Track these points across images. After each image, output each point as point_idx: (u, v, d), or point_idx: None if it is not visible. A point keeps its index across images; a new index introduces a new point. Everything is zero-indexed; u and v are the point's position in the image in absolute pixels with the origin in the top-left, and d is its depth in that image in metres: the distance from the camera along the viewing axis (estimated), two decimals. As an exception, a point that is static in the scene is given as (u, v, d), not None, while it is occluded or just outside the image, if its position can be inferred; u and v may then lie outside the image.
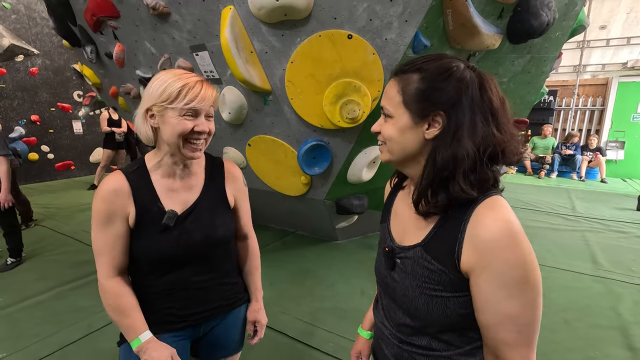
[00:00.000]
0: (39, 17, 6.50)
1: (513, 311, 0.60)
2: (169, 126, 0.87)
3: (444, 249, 0.65)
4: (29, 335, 2.16)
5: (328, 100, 2.20)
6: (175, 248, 0.94)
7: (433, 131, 0.64)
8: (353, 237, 3.64)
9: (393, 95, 0.68)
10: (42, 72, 6.61)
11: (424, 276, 0.68)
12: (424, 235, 0.70)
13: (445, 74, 0.63)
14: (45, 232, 3.96)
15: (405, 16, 1.98)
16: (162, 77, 0.88)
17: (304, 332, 2.14)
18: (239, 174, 1.11)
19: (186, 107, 0.85)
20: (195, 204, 0.98)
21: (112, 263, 0.92)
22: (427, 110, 0.64)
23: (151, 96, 0.87)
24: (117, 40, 2.73)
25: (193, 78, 0.88)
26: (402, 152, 0.69)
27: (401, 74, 0.67)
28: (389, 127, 0.69)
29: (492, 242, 0.59)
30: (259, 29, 2.08)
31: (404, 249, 0.74)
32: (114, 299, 0.92)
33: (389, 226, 0.81)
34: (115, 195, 0.90)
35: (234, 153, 2.97)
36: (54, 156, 6.90)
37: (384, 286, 0.81)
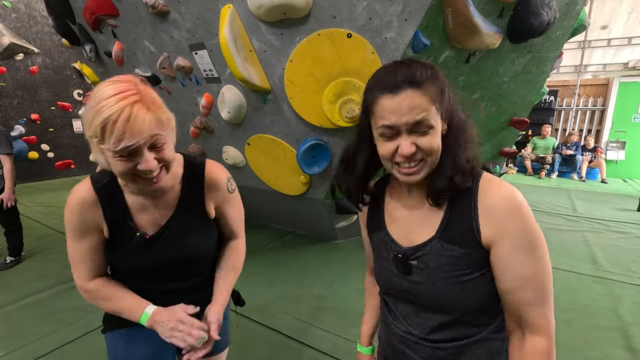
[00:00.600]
0: (39, 15, 6.49)
1: (529, 272, 0.65)
2: (110, 163, 0.74)
3: (462, 231, 0.68)
4: (27, 334, 2.15)
5: (327, 100, 2.20)
6: (146, 267, 0.90)
7: (446, 127, 0.69)
8: (352, 236, 3.64)
9: (427, 105, 0.65)
10: (42, 71, 6.61)
11: (450, 265, 0.69)
12: (435, 227, 0.71)
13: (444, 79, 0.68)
14: (45, 230, 3.96)
15: (405, 15, 1.97)
16: (91, 99, 0.71)
17: (302, 331, 2.13)
18: (222, 180, 0.98)
19: (115, 149, 0.70)
20: (168, 223, 0.90)
21: (90, 269, 0.89)
22: (444, 110, 0.68)
23: (85, 127, 0.73)
24: (116, 38, 2.72)
25: (120, 103, 0.69)
26: (438, 159, 0.68)
27: (422, 85, 0.65)
28: (432, 139, 0.66)
29: (505, 211, 0.65)
30: (258, 28, 2.07)
31: (417, 248, 0.73)
32: (101, 291, 0.89)
33: (387, 233, 0.79)
34: (83, 208, 0.83)
35: (233, 152, 2.96)
36: (54, 155, 6.91)
37: (400, 294, 0.78)
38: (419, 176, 0.68)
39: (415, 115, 0.64)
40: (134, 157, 0.73)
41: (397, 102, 0.64)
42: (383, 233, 0.80)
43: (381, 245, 0.81)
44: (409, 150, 0.65)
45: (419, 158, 0.67)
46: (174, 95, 2.83)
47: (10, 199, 2.85)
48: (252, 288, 2.64)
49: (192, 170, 0.94)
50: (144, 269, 0.91)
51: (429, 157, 0.66)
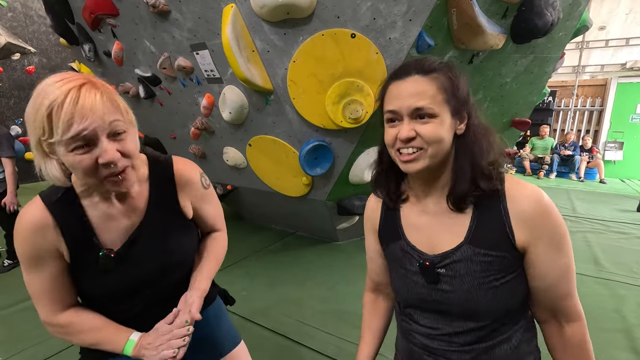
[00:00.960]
0: (36, 15, 6.44)
1: (564, 265, 0.67)
2: (69, 165, 0.65)
3: (495, 235, 0.67)
4: (28, 337, 2.12)
5: (331, 100, 2.18)
6: (121, 283, 0.79)
7: (462, 126, 0.68)
8: (354, 238, 3.62)
9: (433, 93, 0.64)
10: (39, 71, 6.55)
11: (483, 271, 0.67)
12: (463, 232, 0.69)
13: (458, 72, 0.68)
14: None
15: (409, 15, 1.95)
16: (33, 97, 0.63)
17: (305, 334, 2.11)
18: (194, 175, 0.90)
19: (66, 137, 0.60)
20: (140, 228, 0.80)
21: (55, 302, 0.76)
22: (459, 107, 0.67)
23: (29, 127, 0.64)
24: (115, 38, 2.69)
25: (65, 86, 0.61)
26: (442, 153, 0.67)
27: (431, 72, 0.66)
28: (434, 128, 0.64)
29: (538, 213, 0.65)
30: (260, 28, 2.05)
31: (445, 255, 0.70)
32: (75, 324, 0.77)
33: (408, 242, 0.75)
34: (37, 233, 0.71)
35: (234, 153, 2.93)
36: (51, 155, 6.85)
37: (428, 305, 0.74)
38: (417, 165, 0.66)
39: (417, 101, 0.63)
40: (91, 148, 0.64)
41: (402, 87, 0.65)
42: (403, 242, 0.76)
43: (401, 256, 0.77)
44: (407, 133, 0.64)
45: (418, 146, 0.65)
46: (174, 96, 2.80)
47: (13, 202, 2.82)
48: (254, 290, 2.62)
49: (159, 168, 0.85)
50: (120, 290, 0.80)
51: (429, 146, 0.65)
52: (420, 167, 0.67)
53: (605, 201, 5.33)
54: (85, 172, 0.65)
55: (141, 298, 0.84)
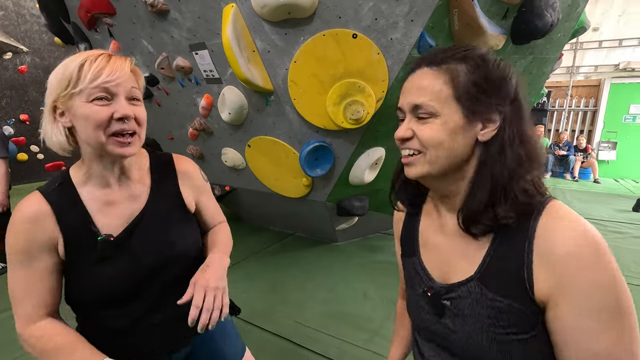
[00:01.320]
0: (28, 13, 6.34)
1: (603, 346, 0.47)
2: (81, 119, 0.67)
3: (508, 276, 0.52)
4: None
5: (332, 101, 2.16)
6: (119, 280, 0.74)
7: (488, 132, 0.54)
8: (353, 238, 3.61)
9: (437, 88, 0.54)
10: (31, 70, 6.46)
11: (489, 317, 0.54)
12: (476, 264, 0.56)
13: (497, 64, 0.54)
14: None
15: (411, 15, 1.94)
16: (60, 65, 0.69)
17: (307, 337, 2.09)
18: (195, 169, 0.91)
19: (93, 85, 0.65)
20: (141, 216, 0.77)
21: (36, 308, 0.71)
22: (484, 106, 0.53)
23: (52, 87, 0.68)
24: (112, 38, 2.65)
25: (95, 52, 0.69)
26: (447, 161, 0.55)
27: (442, 64, 0.55)
28: (433, 129, 0.54)
29: (573, 259, 0.47)
30: (261, 28, 2.03)
31: (452, 287, 0.59)
32: (45, 341, 0.69)
33: (421, 262, 0.66)
34: (34, 225, 0.69)
35: (232, 154, 2.91)
36: (43, 156, 6.75)
37: (431, 335, 0.65)
38: (413, 170, 0.58)
39: (417, 97, 0.55)
40: (110, 102, 0.68)
41: (410, 81, 0.58)
42: (417, 260, 0.67)
43: (413, 274, 0.68)
44: (401, 132, 0.57)
45: (416, 148, 0.57)
46: (172, 96, 2.77)
47: (4, 203, 2.76)
48: (253, 292, 2.60)
49: (160, 160, 0.86)
50: (116, 286, 0.75)
51: (427, 150, 0.56)
52: (417, 172, 0.58)
53: (601, 201, 5.39)
54: (97, 124, 0.67)
55: (139, 301, 0.78)
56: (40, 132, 0.72)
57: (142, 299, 0.79)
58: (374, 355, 1.93)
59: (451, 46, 0.58)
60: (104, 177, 0.76)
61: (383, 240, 3.58)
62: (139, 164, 0.81)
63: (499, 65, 0.55)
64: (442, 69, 0.55)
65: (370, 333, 2.13)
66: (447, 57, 0.55)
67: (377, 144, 2.56)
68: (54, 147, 0.71)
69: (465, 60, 0.54)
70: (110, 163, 0.75)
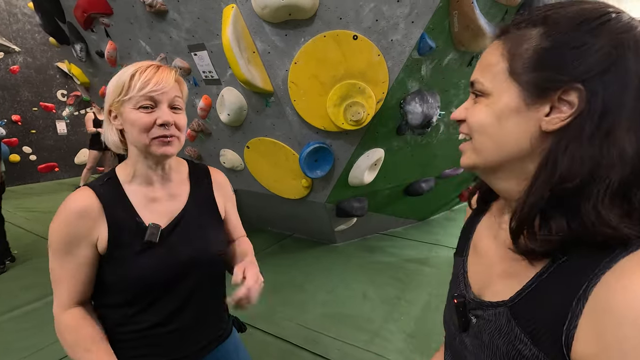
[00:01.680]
0: (20, 13, 6.25)
1: None
2: (128, 124, 0.76)
3: (546, 319, 0.40)
4: (18, 348, 2.05)
5: (332, 102, 2.16)
6: (159, 270, 0.79)
7: (558, 118, 0.40)
8: (351, 239, 3.61)
9: (493, 61, 0.44)
10: (23, 70, 6.36)
11: (508, 356, 0.44)
12: (517, 288, 0.45)
13: (591, 23, 0.38)
14: (30, 237, 3.80)
15: (412, 17, 1.95)
16: (119, 72, 0.78)
17: (308, 339, 2.09)
18: (226, 181, 1.00)
19: (140, 94, 0.73)
20: (182, 214, 0.84)
21: (71, 293, 0.78)
22: (551, 83, 0.40)
23: (109, 93, 0.78)
24: (109, 38, 2.62)
25: (146, 63, 0.77)
26: (497, 152, 0.44)
27: (508, 32, 0.45)
28: (479, 111, 0.45)
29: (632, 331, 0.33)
30: (262, 29, 2.02)
31: (482, 305, 0.50)
32: (71, 332, 0.77)
33: (465, 264, 0.58)
34: (82, 216, 0.75)
35: (231, 155, 2.89)
36: (36, 157, 6.66)
37: (453, 349, 0.57)
38: (462, 160, 0.50)
39: (474, 74, 0.47)
40: (154, 110, 0.75)
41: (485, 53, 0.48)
42: (462, 261, 0.59)
43: (455, 276, 0.60)
44: (456, 113, 0.49)
45: (465, 132, 0.48)
46: (170, 97, 2.74)
47: None
48: (253, 294, 2.59)
49: (197, 168, 0.95)
50: (156, 275, 0.79)
51: (472, 135, 0.47)
52: (466, 162, 0.49)
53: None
54: (142, 128, 0.75)
55: (172, 297, 0.82)
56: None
57: (175, 294, 0.83)
58: (375, 356, 1.93)
59: (540, 6, 0.43)
60: (148, 175, 0.83)
61: (381, 241, 3.59)
62: (178, 170, 0.90)
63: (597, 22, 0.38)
64: (507, 38, 0.44)
65: (370, 334, 2.13)
66: (521, 20, 0.44)
67: (377, 145, 2.56)
68: (112, 145, 0.81)
69: (544, 22, 0.41)
70: (154, 163, 0.82)
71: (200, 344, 0.89)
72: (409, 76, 2.22)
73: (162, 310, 0.82)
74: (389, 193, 3.20)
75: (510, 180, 0.46)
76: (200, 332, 0.89)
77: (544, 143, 0.42)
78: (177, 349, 0.86)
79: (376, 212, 3.34)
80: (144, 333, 0.82)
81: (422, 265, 3.03)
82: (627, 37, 0.38)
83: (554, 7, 0.41)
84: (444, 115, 2.62)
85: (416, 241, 3.54)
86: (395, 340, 2.06)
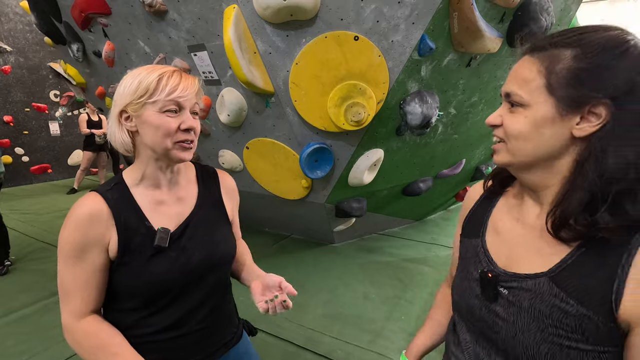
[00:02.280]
0: (12, 12, 6.16)
1: None
2: (151, 127, 0.74)
3: (591, 285, 0.50)
4: (15, 352, 2.01)
5: (333, 103, 2.16)
6: (171, 272, 0.79)
7: (587, 126, 0.49)
8: (350, 239, 3.62)
9: (531, 77, 0.52)
10: (15, 70, 6.26)
11: (552, 318, 0.52)
12: (553, 262, 0.54)
13: (617, 49, 0.47)
14: (25, 240, 3.74)
15: (412, 18, 1.96)
16: (134, 72, 0.77)
17: (311, 339, 2.09)
18: (234, 184, 1.00)
19: (168, 98, 0.73)
20: (190, 217, 0.84)
21: (85, 300, 0.76)
22: (584, 98, 0.49)
23: (124, 94, 0.75)
24: (107, 38, 2.59)
25: (169, 68, 0.77)
26: (532, 153, 0.53)
27: (543, 50, 0.52)
28: (518, 120, 0.54)
29: None
30: (263, 29, 2.02)
31: (516, 277, 0.57)
32: (91, 338, 0.75)
33: (484, 244, 0.65)
34: (92, 221, 0.74)
35: (230, 156, 2.88)
36: (29, 159, 6.56)
37: (475, 320, 0.64)
38: (497, 157, 0.59)
39: (510, 85, 0.56)
40: (178, 114, 0.76)
41: (513, 69, 0.58)
42: (479, 241, 0.66)
43: (470, 256, 0.68)
44: (491, 119, 0.58)
45: (500, 136, 0.57)
46: (169, 98, 2.72)
47: None
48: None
49: (205, 171, 0.94)
50: (169, 278, 0.79)
51: (508, 140, 0.55)
52: (500, 160, 0.58)
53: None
54: (167, 132, 0.75)
55: (185, 299, 0.82)
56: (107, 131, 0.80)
57: (186, 298, 0.83)
58: (378, 356, 1.94)
59: (568, 29, 0.53)
60: (156, 178, 0.82)
61: (379, 241, 3.60)
62: (185, 172, 0.89)
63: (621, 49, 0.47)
64: (542, 56, 0.52)
65: (372, 334, 2.14)
66: (555, 41, 0.52)
67: (377, 146, 2.57)
68: (118, 146, 0.79)
69: (574, 45, 0.50)
70: (165, 166, 0.82)
71: (211, 348, 0.90)
72: (409, 77, 2.23)
73: (173, 314, 0.82)
74: (388, 193, 3.21)
75: (540, 175, 0.56)
76: (211, 336, 0.89)
77: (573, 147, 0.52)
78: (188, 353, 0.85)
79: (374, 212, 3.36)
80: (155, 337, 0.81)
81: (420, 264, 3.05)
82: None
83: (586, 31, 0.50)
84: (442, 116, 2.64)
85: (414, 241, 3.56)
86: (397, 340, 2.07)
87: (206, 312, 0.86)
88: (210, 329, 0.88)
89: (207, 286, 0.86)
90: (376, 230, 3.80)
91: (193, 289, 0.83)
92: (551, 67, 0.51)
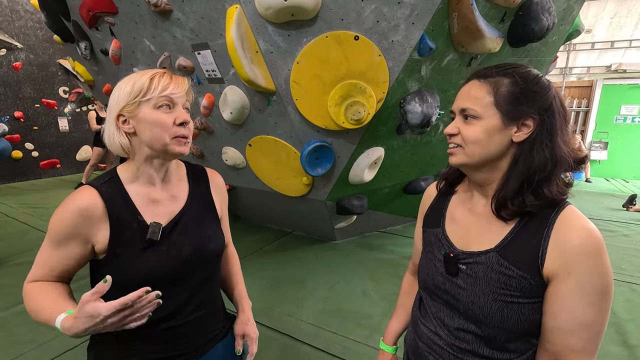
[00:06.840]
0: (23, 9, 6.27)
1: (589, 319, 0.61)
2: (148, 124, 0.78)
3: (525, 253, 0.65)
4: (24, 341, 2.09)
5: (333, 102, 2.20)
6: (160, 266, 0.81)
7: (522, 134, 0.66)
8: (351, 236, 3.65)
9: (482, 96, 0.67)
10: (25, 67, 6.39)
11: (499, 282, 0.67)
12: (498, 240, 0.69)
13: (536, 80, 0.66)
14: (35, 233, 3.84)
15: (412, 18, 1.98)
16: (125, 79, 0.81)
17: (309, 334, 2.13)
18: (223, 182, 1.04)
19: (161, 95, 0.77)
20: (181, 213, 0.87)
21: (46, 275, 0.79)
22: (520, 113, 0.65)
23: (120, 98, 0.78)
24: (113, 36, 2.65)
25: (159, 70, 0.83)
26: (483, 155, 0.68)
27: (488, 77, 0.68)
28: (473, 129, 0.68)
29: (581, 249, 0.61)
30: (265, 29, 2.06)
31: (471, 254, 0.72)
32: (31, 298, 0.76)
33: (444, 231, 0.80)
34: (82, 215, 0.76)
35: (233, 153, 2.93)
36: (38, 154, 6.69)
37: (440, 293, 0.78)
38: (454, 159, 0.72)
39: (464, 102, 0.69)
40: (172, 110, 0.80)
41: (462, 89, 0.72)
42: (440, 230, 0.81)
43: (434, 243, 0.82)
44: (449, 129, 0.72)
45: (457, 142, 0.71)
46: (173, 95, 2.78)
47: None
48: (254, 290, 2.63)
49: (195, 169, 0.98)
50: (161, 270, 0.81)
51: (466, 145, 0.69)
52: (456, 161, 0.71)
53: (592, 199, 5.50)
54: (163, 127, 0.79)
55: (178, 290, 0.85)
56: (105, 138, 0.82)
57: (177, 291, 0.85)
58: (374, 350, 1.97)
59: (502, 64, 0.69)
60: (151, 176, 0.85)
61: (380, 239, 3.64)
62: (177, 171, 0.93)
63: (539, 80, 0.66)
64: (488, 81, 0.68)
65: (370, 330, 2.17)
66: (495, 72, 0.68)
67: (377, 144, 2.60)
68: (116, 149, 0.81)
69: (510, 75, 0.66)
70: (160, 165, 0.85)
71: (200, 342, 0.92)
72: (409, 76, 2.25)
73: (163, 307, 0.79)
74: (389, 191, 3.24)
75: (487, 172, 0.71)
76: (200, 330, 0.91)
77: (513, 149, 0.68)
78: (178, 346, 0.87)
79: (375, 210, 3.39)
80: (144, 330, 0.78)
81: (420, 262, 3.07)
82: (552, 90, 0.66)
83: (514, 66, 0.68)
84: (443, 115, 2.66)
85: (415, 239, 3.57)
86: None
87: (195, 306, 0.89)
88: (198, 323, 0.90)
89: (196, 280, 0.88)
90: (378, 228, 3.83)
91: (182, 282, 0.86)
92: (497, 88, 0.66)
